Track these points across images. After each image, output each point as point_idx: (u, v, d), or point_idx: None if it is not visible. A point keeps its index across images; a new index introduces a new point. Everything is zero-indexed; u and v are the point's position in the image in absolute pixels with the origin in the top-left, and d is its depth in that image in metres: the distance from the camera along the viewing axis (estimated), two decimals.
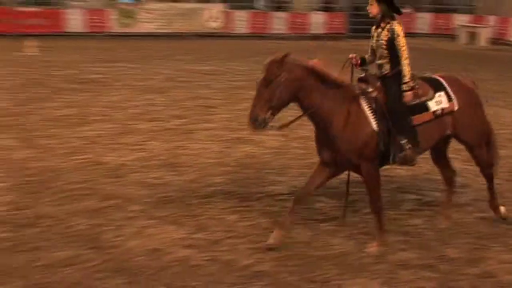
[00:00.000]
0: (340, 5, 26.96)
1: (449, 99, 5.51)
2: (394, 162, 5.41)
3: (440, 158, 6.09)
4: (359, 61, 5.51)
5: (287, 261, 4.98)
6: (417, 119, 5.38)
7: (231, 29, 24.87)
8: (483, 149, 5.81)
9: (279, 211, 5.98)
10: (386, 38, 5.34)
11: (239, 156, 7.95)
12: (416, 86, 5.37)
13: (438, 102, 5.46)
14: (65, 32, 23.45)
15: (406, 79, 5.28)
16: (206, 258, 5.02)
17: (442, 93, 5.51)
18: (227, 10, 25.17)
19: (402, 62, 5.28)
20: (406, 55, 5.29)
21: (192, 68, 15.58)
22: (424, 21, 26.33)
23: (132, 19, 24.38)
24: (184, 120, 9.80)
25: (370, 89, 5.32)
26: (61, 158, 7.68)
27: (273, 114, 5.03)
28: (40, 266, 4.82)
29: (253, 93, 5.10)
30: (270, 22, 25.18)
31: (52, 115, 9.95)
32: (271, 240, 5.21)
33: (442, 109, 5.47)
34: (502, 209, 5.93)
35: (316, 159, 5.58)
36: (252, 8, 26.16)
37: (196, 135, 8.93)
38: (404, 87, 5.29)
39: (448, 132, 5.60)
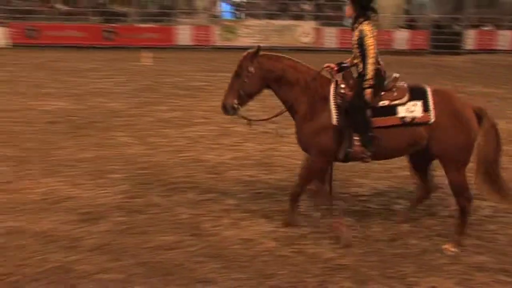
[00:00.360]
0: (423, 23, 26.24)
1: (425, 110, 4.92)
2: (343, 157, 5.10)
3: (421, 169, 5.49)
4: (335, 68, 5.26)
5: (367, 257, 4.89)
6: (380, 121, 4.96)
7: (321, 44, 24.74)
8: (460, 175, 4.95)
9: (361, 210, 5.89)
10: (356, 38, 5.04)
11: None
12: (394, 89, 5.01)
13: (409, 110, 4.94)
14: (175, 45, 24.14)
15: (368, 77, 4.93)
16: (292, 249, 5.00)
17: (419, 103, 4.94)
18: (318, 27, 25.08)
19: (367, 61, 4.95)
20: (372, 55, 4.94)
21: None
22: (505, 38, 25.15)
23: (233, 34, 24.77)
24: (276, 125, 9.78)
25: (342, 85, 5.07)
26: (168, 154, 7.88)
27: (241, 103, 5.21)
28: (149, 248, 4.97)
29: None
30: None
31: (162, 117, 10.24)
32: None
33: (413, 118, 4.93)
34: (451, 247, 4.99)
35: (400, 163, 5.44)
36: (341, 25, 25.91)
37: (287, 139, 8.89)
38: (364, 84, 4.93)
39: (422, 143, 4.99)
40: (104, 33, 24.24)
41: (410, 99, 4.96)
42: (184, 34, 24.67)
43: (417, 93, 4.99)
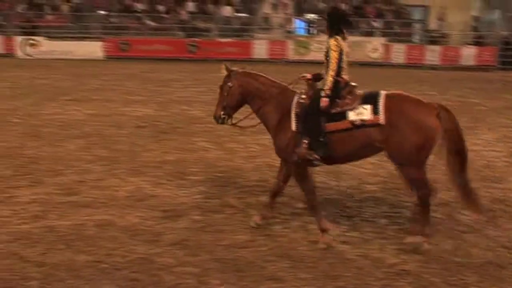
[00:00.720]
0: (491, 40, 25.25)
1: (375, 112, 4.95)
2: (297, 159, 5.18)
3: None
4: (309, 78, 5.37)
5: (430, 264, 4.74)
6: (333, 126, 5.05)
7: (389, 59, 24.29)
8: (417, 172, 4.90)
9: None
10: (324, 51, 5.19)
11: (392, 168, 7.68)
12: (348, 97, 5.11)
13: (359, 113, 5.00)
14: (252, 58, 24.38)
15: (326, 87, 5.06)
16: (358, 253, 4.93)
17: (369, 106, 4.99)
18: (387, 43, 24.66)
19: (327, 73, 5.08)
20: (332, 68, 5.06)
21: None
22: None
23: (306, 49, 24.75)
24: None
25: (302, 96, 5.23)
26: (243, 160, 7.96)
27: (227, 114, 5.62)
28: (223, 245, 5.03)
29: None
30: (424, 54, 24.19)
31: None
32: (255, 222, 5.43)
33: (362, 120, 4.97)
34: (412, 239, 5.00)
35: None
36: (409, 41, 25.40)
37: None
38: (322, 93, 5.07)
39: (376, 144, 4.98)
40: (188, 47, 24.88)
41: (361, 104, 5.04)
42: (260, 48, 24.92)
43: (368, 98, 5.08)
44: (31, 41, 25.41)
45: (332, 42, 5.13)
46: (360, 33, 25.97)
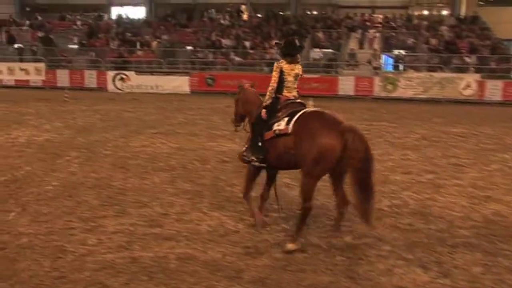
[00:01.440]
0: None
1: (288, 123, 5.92)
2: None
3: (336, 187, 5.95)
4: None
5: None
6: (267, 134, 6.15)
7: (483, 97, 23.42)
8: (308, 184, 5.67)
9: None
10: None
11: (486, 213, 7.33)
12: (283, 110, 6.16)
13: (279, 124, 6.05)
14: (338, 95, 24.38)
15: (264, 100, 6.35)
16: None
17: (287, 119, 5.99)
18: (481, 79, 23.80)
19: (267, 90, 6.28)
20: (271, 84, 6.32)
21: (445, 130, 14.91)
22: None
23: (394, 85, 24.42)
24: (434, 175, 9.39)
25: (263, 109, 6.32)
26: (327, 197, 7.82)
27: (237, 120, 7.07)
28: (304, 286, 4.96)
29: (503, 155, 4.76)
30: None
31: None
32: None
33: (279, 130, 6.00)
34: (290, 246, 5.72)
35: None
36: (507, 78, 24.39)
37: (446, 190, 8.49)
38: (262, 106, 6.35)
39: (291, 152, 5.83)
40: None
41: (285, 117, 6.04)
42: (347, 84, 24.87)
43: (291, 113, 6.01)
44: (122, 76, 26.81)
45: (276, 65, 6.41)
46: (452, 69, 25.34)
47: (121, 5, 39.57)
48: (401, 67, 27.26)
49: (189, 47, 30.32)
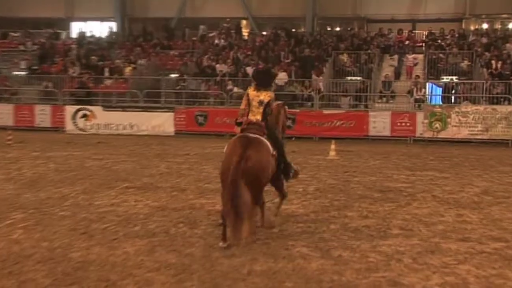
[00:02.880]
0: None
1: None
2: None
3: None
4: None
5: None
6: None
7: None
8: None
9: None
10: None
11: None
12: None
13: None
14: (369, 136, 24.41)
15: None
16: None
17: None
18: None
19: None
20: (240, 108, 9.54)
21: None
22: None
23: (444, 123, 24.45)
24: (503, 244, 9.28)
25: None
26: (357, 273, 7.79)
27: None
28: None
29: None
30: None
31: (350, 225, 10.22)
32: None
33: None
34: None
35: None
36: None
37: None
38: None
39: None
40: None
41: None
42: (380, 122, 24.94)
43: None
44: (85, 112, 26.98)
45: (247, 91, 9.59)
46: None
47: (84, 19, 39.90)
48: (452, 98, 27.37)
49: (173, 75, 30.62)
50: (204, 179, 14.63)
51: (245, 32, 37.09)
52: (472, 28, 34.61)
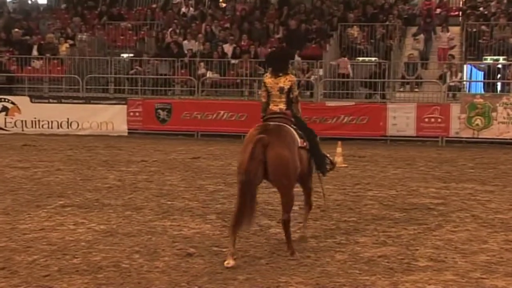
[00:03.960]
0: None
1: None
2: None
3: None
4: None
5: None
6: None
7: None
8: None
9: None
10: None
11: None
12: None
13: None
14: (386, 136, 24.40)
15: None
16: None
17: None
18: None
19: None
20: (261, 98, 10.71)
21: None
22: None
23: (487, 118, 24.49)
24: None
25: None
26: None
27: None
28: None
29: None
30: None
31: (363, 255, 10.22)
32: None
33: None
34: None
35: None
36: None
37: None
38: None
39: None
40: None
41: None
42: (401, 118, 24.91)
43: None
44: (4, 105, 26.82)
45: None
46: None
47: None
48: (498, 86, 27.44)
49: (125, 55, 30.55)
50: (168, 194, 14.63)
51: (221, 0, 37.06)
52: None
